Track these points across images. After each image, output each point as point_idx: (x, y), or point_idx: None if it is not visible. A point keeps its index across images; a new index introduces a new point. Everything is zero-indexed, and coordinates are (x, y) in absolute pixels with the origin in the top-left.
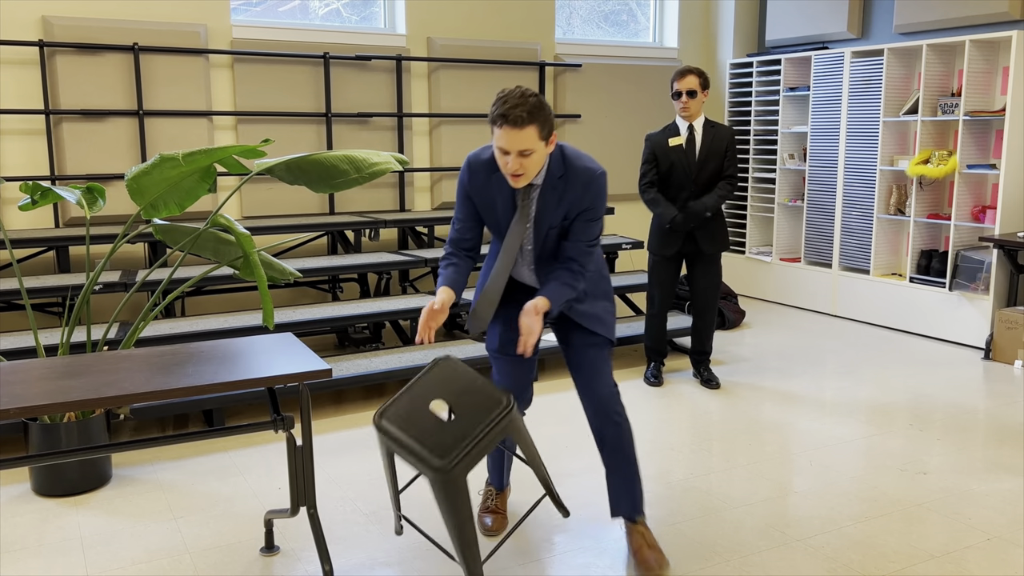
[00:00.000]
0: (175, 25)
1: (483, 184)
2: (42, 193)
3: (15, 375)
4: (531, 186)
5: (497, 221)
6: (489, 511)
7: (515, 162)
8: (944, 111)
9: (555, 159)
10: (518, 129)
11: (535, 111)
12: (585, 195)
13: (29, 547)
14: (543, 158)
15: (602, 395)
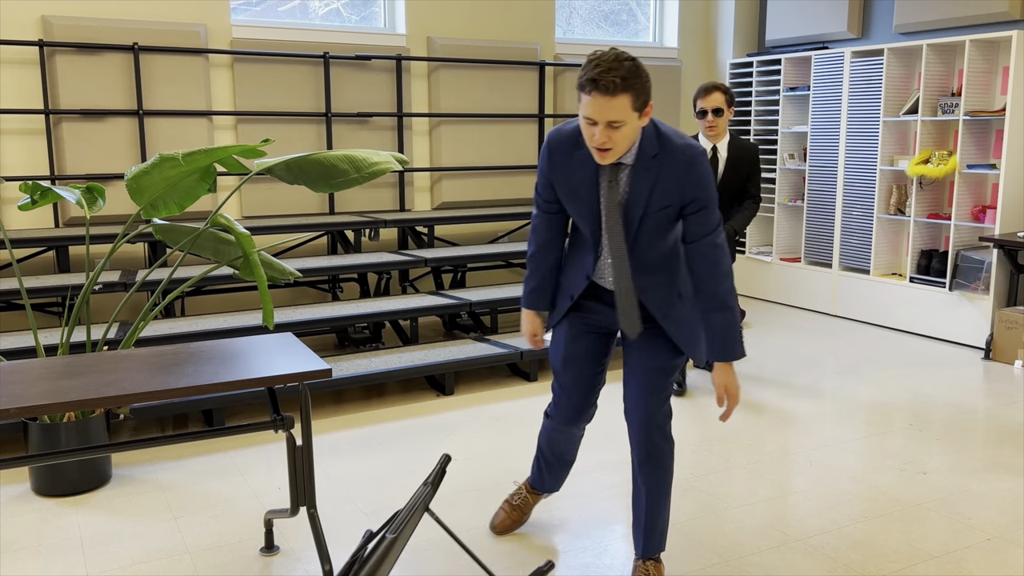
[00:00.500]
0: (175, 25)
1: (564, 163)
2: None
3: (15, 375)
4: (619, 165)
5: (581, 208)
6: (506, 504)
7: (602, 134)
8: (944, 111)
9: (648, 135)
10: (609, 96)
11: (630, 77)
12: (687, 180)
13: (29, 547)
14: (635, 132)
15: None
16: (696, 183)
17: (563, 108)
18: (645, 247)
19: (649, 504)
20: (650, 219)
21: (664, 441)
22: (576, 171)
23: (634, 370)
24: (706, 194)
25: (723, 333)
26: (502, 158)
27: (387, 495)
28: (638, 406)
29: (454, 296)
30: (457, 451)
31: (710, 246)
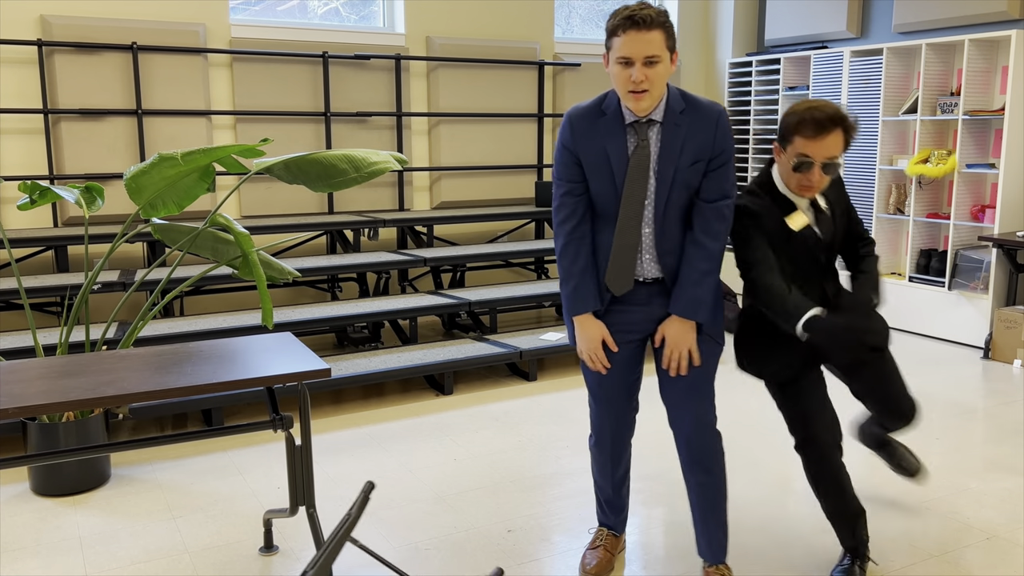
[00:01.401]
0: (174, 24)
1: (589, 130)
2: (41, 192)
3: (14, 375)
4: (649, 123)
5: (607, 175)
6: (593, 547)
7: (640, 72)
8: (943, 110)
9: (674, 94)
10: (645, 31)
11: (661, 15)
12: (717, 133)
13: (28, 547)
14: (667, 77)
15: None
16: (724, 136)
17: (562, 108)
18: (674, 207)
19: (711, 507)
20: (681, 176)
21: (715, 440)
22: (602, 137)
23: (669, 376)
24: (730, 150)
25: (700, 288)
26: (501, 157)
27: (386, 494)
28: (684, 410)
29: (453, 296)
30: (456, 451)
31: (726, 206)
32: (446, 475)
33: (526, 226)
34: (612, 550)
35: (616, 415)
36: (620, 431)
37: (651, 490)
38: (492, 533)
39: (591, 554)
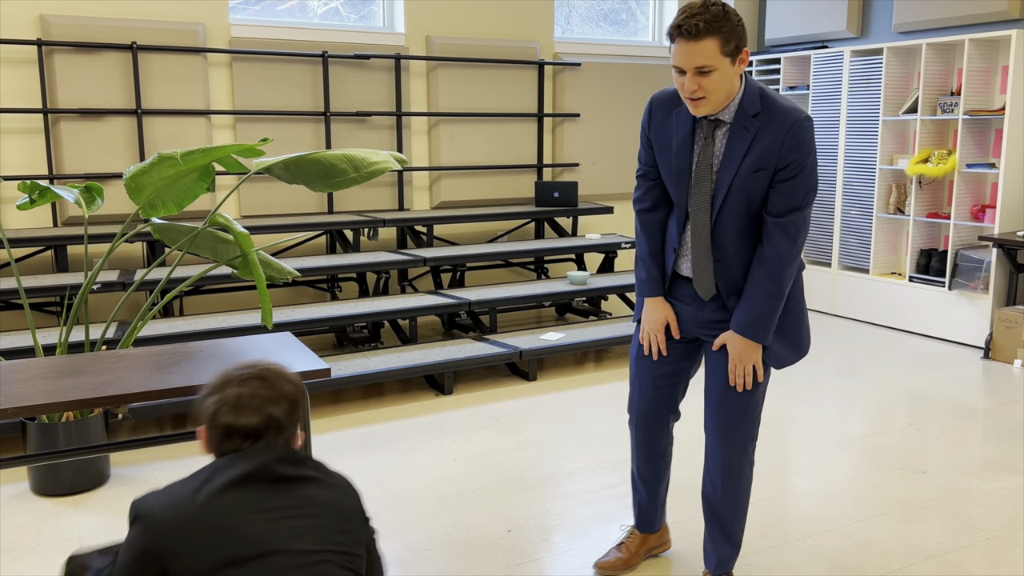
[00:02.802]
0: (173, 24)
1: (662, 121)
2: (40, 192)
3: (13, 374)
4: (718, 123)
5: (672, 166)
6: (616, 545)
7: (692, 81)
8: (943, 110)
9: (750, 95)
10: (693, 41)
11: (716, 20)
12: (786, 143)
13: (27, 547)
14: (730, 81)
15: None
16: (794, 147)
17: (562, 107)
18: (731, 213)
19: (723, 524)
20: (740, 182)
21: (742, 459)
22: (673, 127)
23: (711, 382)
24: (802, 162)
25: (765, 311)
26: (501, 157)
27: (385, 494)
28: (713, 419)
29: (453, 295)
30: (456, 451)
31: (792, 223)
32: (446, 475)
33: (526, 226)
34: (632, 550)
35: (644, 397)
36: (646, 416)
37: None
38: (492, 533)
39: (610, 551)
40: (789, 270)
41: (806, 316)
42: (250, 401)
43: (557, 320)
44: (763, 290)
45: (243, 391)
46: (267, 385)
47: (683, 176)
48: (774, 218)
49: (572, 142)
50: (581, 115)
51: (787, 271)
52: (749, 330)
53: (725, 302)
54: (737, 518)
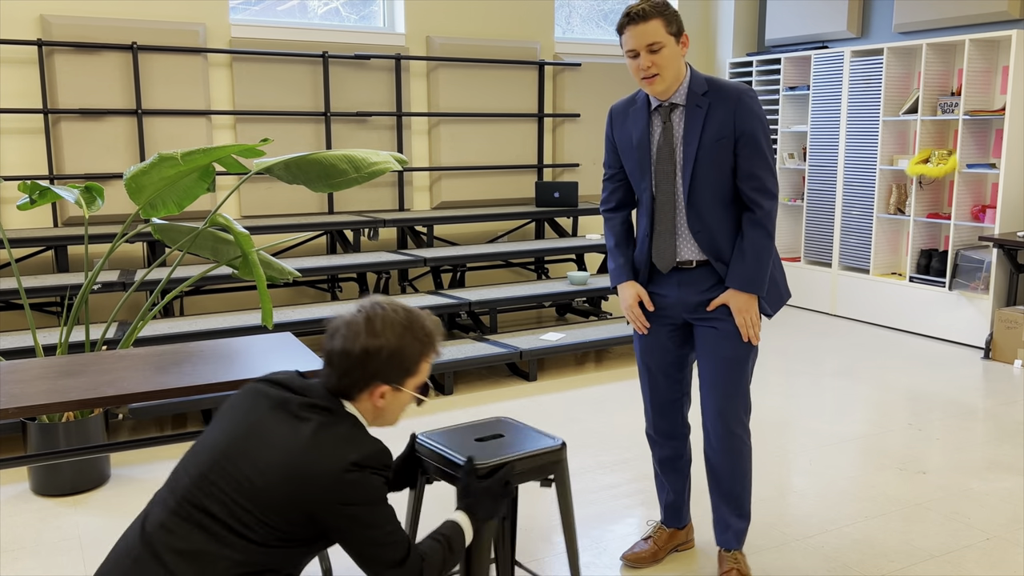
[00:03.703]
0: (174, 24)
1: (622, 122)
2: (40, 192)
3: (13, 375)
4: (672, 107)
5: (635, 158)
6: (644, 538)
7: (645, 59)
8: (944, 110)
9: (697, 78)
10: (642, 23)
11: (658, 5)
12: (738, 112)
13: (27, 547)
14: (677, 60)
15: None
16: (746, 115)
17: (562, 107)
18: (702, 185)
19: (726, 495)
20: (705, 152)
21: (742, 432)
22: (632, 124)
23: (703, 361)
24: (757, 131)
25: (760, 266)
26: (501, 157)
27: None
28: (708, 396)
29: (453, 296)
30: None
31: (767, 185)
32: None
33: (526, 226)
34: (660, 544)
35: (657, 393)
36: (660, 412)
37: (649, 491)
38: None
39: (638, 543)
40: (774, 226)
41: (780, 262)
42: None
43: (557, 320)
44: (757, 247)
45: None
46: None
47: (646, 163)
48: (751, 182)
49: (572, 142)
50: (581, 115)
51: (773, 228)
52: (749, 284)
53: (716, 269)
54: (744, 487)
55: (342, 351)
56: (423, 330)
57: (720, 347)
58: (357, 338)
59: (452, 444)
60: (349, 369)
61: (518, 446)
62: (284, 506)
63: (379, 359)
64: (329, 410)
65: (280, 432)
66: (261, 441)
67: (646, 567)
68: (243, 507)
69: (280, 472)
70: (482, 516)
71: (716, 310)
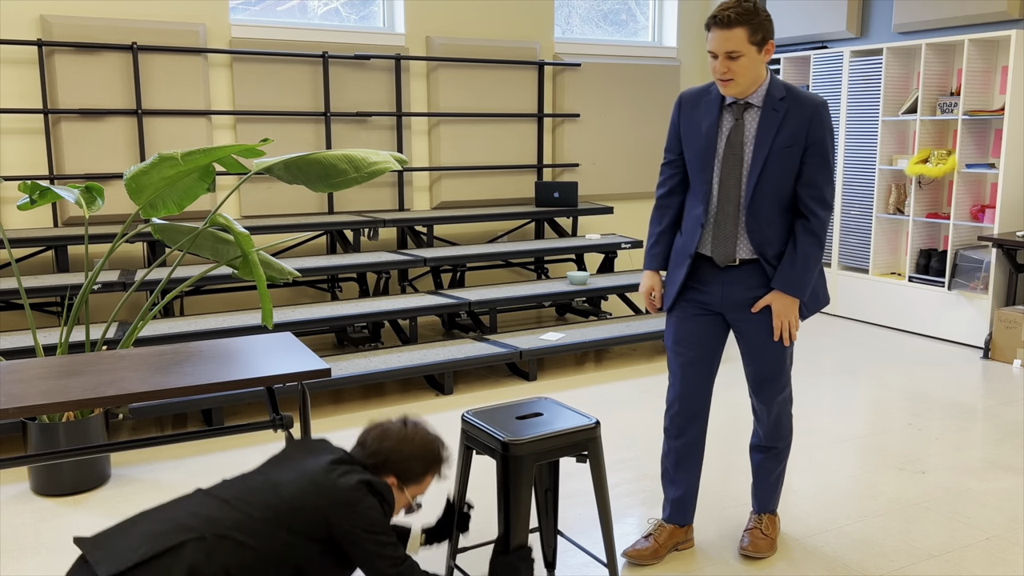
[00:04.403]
0: (174, 24)
1: (691, 110)
2: (41, 192)
3: (14, 375)
4: (748, 107)
5: (699, 149)
6: (644, 536)
7: (723, 64)
8: (943, 110)
9: (776, 83)
10: (725, 29)
11: (746, 13)
12: (813, 121)
13: (27, 546)
14: (756, 67)
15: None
16: (819, 126)
17: (562, 107)
18: (765, 187)
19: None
20: (774, 158)
21: (785, 419)
22: (703, 114)
23: (750, 361)
24: (827, 143)
25: (807, 270)
26: (501, 157)
27: None
28: (758, 395)
29: (453, 296)
30: (456, 450)
31: (827, 194)
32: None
33: (526, 226)
34: (661, 541)
35: (684, 382)
36: (688, 399)
37: (647, 490)
38: (491, 533)
39: (639, 540)
40: (825, 235)
41: (823, 271)
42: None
43: (557, 320)
44: (807, 254)
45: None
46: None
47: (709, 155)
48: (811, 191)
49: (572, 142)
50: (581, 115)
51: (825, 237)
52: (793, 287)
53: (764, 269)
54: (781, 458)
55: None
56: (438, 454)
57: (764, 339)
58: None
59: (495, 422)
60: (375, 453)
61: (556, 424)
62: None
63: (399, 456)
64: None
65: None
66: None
67: (647, 564)
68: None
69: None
70: None
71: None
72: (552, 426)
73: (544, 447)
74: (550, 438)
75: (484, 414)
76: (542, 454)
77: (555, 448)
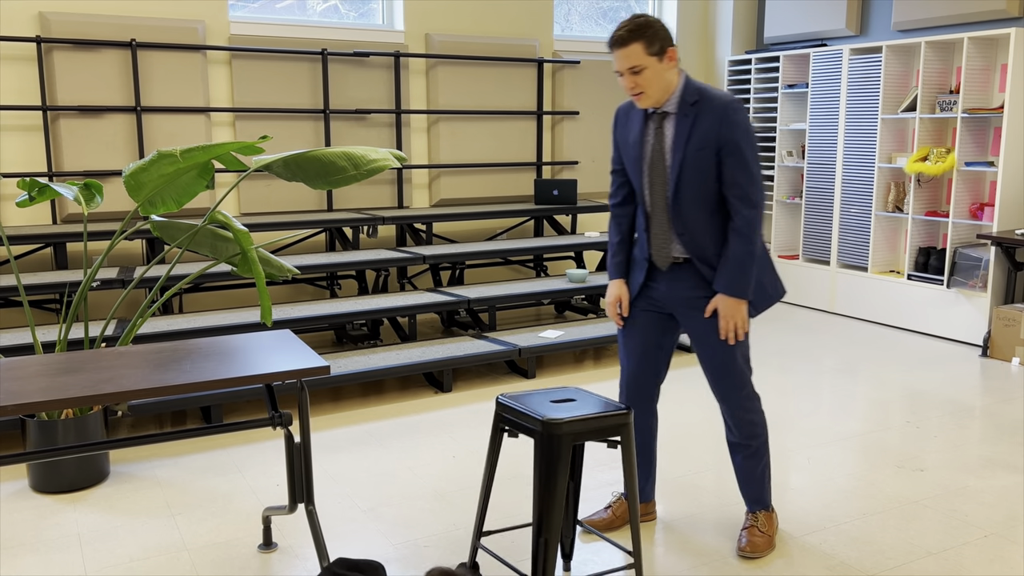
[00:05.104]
0: (173, 21)
1: (624, 123)
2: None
3: (13, 372)
4: (665, 114)
5: (631, 158)
6: (603, 508)
7: (629, 80)
8: (942, 108)
9: (689, 88)
10: (623, 47)
11: (638, 28)
12: (722, 125)
13: (27, 544)
14: (662, 76)
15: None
16: (732, 128)
17: (561, 105)
18: (686, 190)
19: (746, 468)
20: (690, 161)
21: (751, 415)
22: (631, 126)
23: (700, 358)
24: (742, 142)
25: (743, 271)
26: (500, 155)
27: (385, 492)
28: (715, 392)
29: (452, 293)
30: (456, 448)
31: (750, 191)
32: (445, 472)
33: (525, 224)
34: (618, 514)
35: (630, 372)
36: (633, 388)
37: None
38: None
39: (599, 511)
40: (757, 233)
41: (771, 264)
42: None
43: (556, 318)
44: (738, 252)
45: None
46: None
47: (639, 164)
48: (734, 190)
49: (571, 140)
50: (580, 113)
51: (756, 234)
52: (732, 289)
53: (699, 269)
54: (757, 467)
55: None
56: None
57: (709, 337)
58: None
59: (529, 404)
60: None
61: (588, 408)
62: None
63: None
64: None
65: None
66: None
67: (601, 532)
68: None
69: None
70: None
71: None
72: (585, 411)
73: (581, 428)
74: (587, 420)
75: (518, 398)
76: (578, 435)
77: (591, 431)
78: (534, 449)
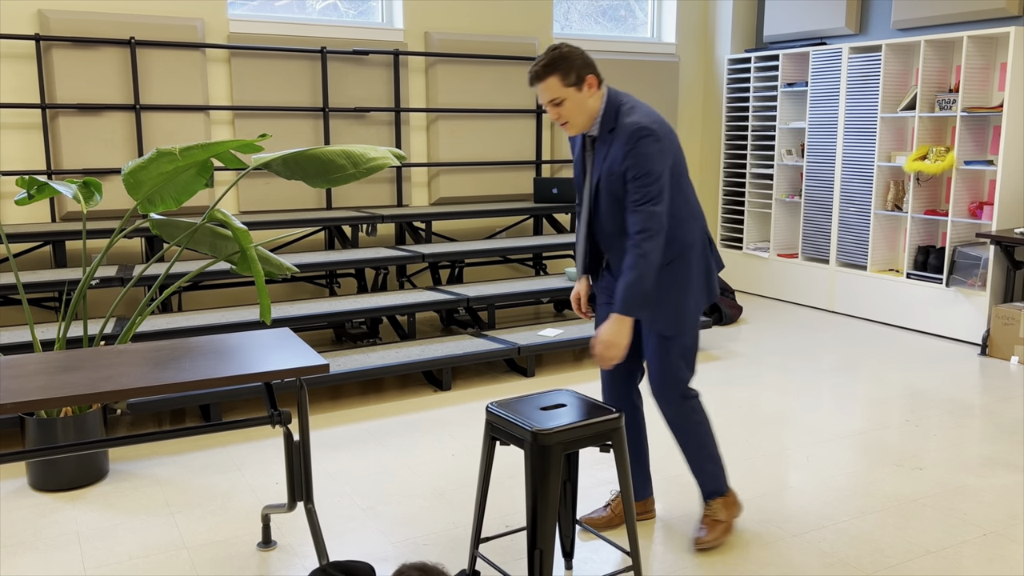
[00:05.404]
0: (172, 19)
1: (574, 140)
2: (38, 188)
3: (12, 370)
4: (594, 139)
5: (575, 175)
6: (602, 507)
7: (552, 112)
8: (942, 107)
9: (608, 114)
10: (539, 82)
11: (551, 63)
12: (628, 152)
13: (26, 542)
14: (583, 105)
15: (659, 396)
16: (632, 153)
17: None
18: (604, 210)
19: (688, 456)
20: (604, 184)
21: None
22: (575, 145)
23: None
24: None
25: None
26: (500, 153)
27: (384, 490)
28: (651, 384)
29: (451, 292)
30: (455, 446)
31: (643, 213)
32: (444, 471)
33: (524, 222)
34: (617, 511)
35: (606, 372)
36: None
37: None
38: (491, 529)
39: (598, 510)
40: (648, 256)
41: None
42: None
43: (555, 316)
44: (626, 275)
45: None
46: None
47: (578, 180)
48: (630, 209)
49: None
50: None
51: (646, 256)
52: (621, 306)
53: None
54: (703, 456)
55: None
56: None
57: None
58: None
59: (521, 413)
60: None
61: (579, 415)
62: None
63: None
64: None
65: None
66: None
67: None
68: None
69: None
70: None
71: None
72: (577, 417)
73: (571, 437)
74: (576, 428)
75: (508, 405)
76: (569, 444)
77: (581, 438)
78: (524, 460)
